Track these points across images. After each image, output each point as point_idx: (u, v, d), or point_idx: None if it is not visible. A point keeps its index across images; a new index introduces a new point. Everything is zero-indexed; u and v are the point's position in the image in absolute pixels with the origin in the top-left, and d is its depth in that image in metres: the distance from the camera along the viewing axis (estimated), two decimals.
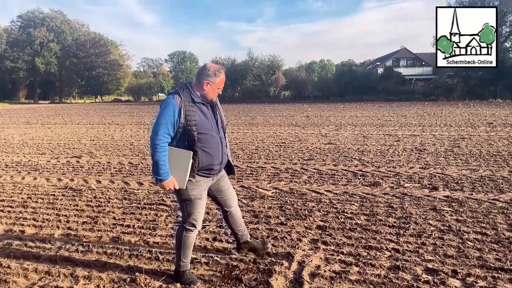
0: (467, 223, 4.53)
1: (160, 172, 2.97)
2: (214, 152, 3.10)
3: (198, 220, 3.22)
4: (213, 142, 3.08)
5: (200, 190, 3.15)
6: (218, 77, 3.11)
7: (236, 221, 3.55)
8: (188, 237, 3.22)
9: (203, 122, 3.03)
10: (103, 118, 23.73)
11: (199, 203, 3.17)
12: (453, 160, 8.34)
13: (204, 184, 3.18)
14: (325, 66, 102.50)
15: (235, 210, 3.53)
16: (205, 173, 3.12)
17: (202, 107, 3.09)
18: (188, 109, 2.97)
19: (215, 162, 3.12)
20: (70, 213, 5.20)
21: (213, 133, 3.10)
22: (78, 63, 66.93)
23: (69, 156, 9.90)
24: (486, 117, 18.55)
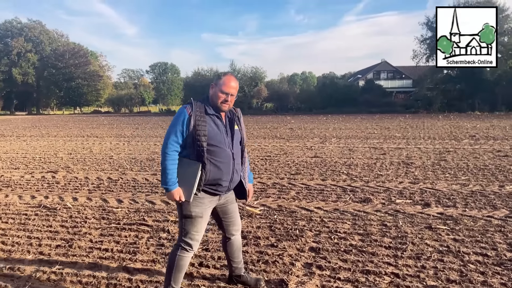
0: (465, 243, 4.33)
1: (166, 181, 2.85)
2: (224, 166, 2.90)
3: (195, 241, 2.97)
4: (223, 156, 2.90)
5: (203, 208, 2.93)
6: (221, 79, 2.94)
7: (234, 251, 3.29)
8: (182, 257, 2.96)
9: (214, 133, 2.88)
10: (82, 130, 23.11)
11: (200, 222, 2.94)
12: (442, 174, 8.21)
13: (208, 202, 2.96)
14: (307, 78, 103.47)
15: (236, 239, 3.27)
16: (211, 189, 2.92)
17: (216, 119, 2.94)
18: (199, 118, 2.84)
19: (223, 178, 2.90)
20: (43, 235, 4.80)
21: (225, 147, 2.91)
22: (56, 73, 65.68)
23: (45, 171, 9.43)
24: (468, 130, 18.70)
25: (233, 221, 3.21)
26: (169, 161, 2.86)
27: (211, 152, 2.84)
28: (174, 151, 2.87)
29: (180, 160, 2.90)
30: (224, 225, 3.20)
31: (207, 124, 2.84)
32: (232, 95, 2.93)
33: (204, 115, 2.87)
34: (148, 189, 7.29)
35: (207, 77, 54.78)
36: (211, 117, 2.91)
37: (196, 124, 2.81)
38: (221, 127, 2.93)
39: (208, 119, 2.88)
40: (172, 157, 2.87)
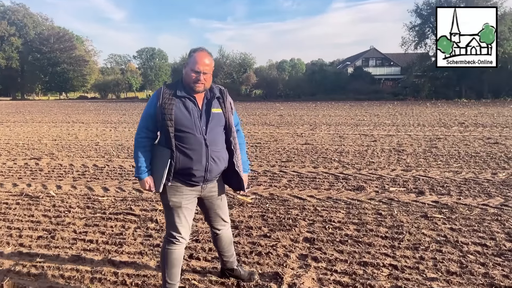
0: (463, 233, 4.22)
1: (136, 169, 2.72)
2: (194, 154, 2.61)
3: (179, 232, 2.75)
4: (193, 143, 2.61)
5: (181, 198, 2.70)
6: (192, 57, 2.65)
7: (223, 245, 3.09)
8: (171, 251, 2.76)
9: (182, 117, 2.59)
10: (67, 116, 22.62)
11: (180, 212, 2.71)
12: (434, 162, 8.12)
13: (188, 192, 2.71)
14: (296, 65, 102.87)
15: (224, 233, 3.04)
16: (184, 179, 2.66)
17: (187, 102, 2.65)
18: (166, 101, 2.60)
19: (194, 167, 2.61)
20: (24, 226, 4.57)
21: (196, 132, 2.61)
22: (41, 58, 64.18)
23: (28, 158, 9.12)
24: (456, 117, 18.70)
25: (219, 216, 2.96)
26: (139, 148, 2.70)
27: (180, 138, 2.60)
28: (145, 137, 2.70)
29: (155, 147, 2.71)
30: (209, 219, 2.99)
31: (174, 107, 2.59)
32: (206, 73, 2.64)
33: (172, 97, 2.62)
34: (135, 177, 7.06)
35: None
36: (181, 99, 2.64)
37: (163, 107, 2.58)
38: (194, 110, 2.64)
39: (177, 102, 2.62)
40: (142, 144, 2.69)
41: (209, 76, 2.68)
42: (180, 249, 2.79)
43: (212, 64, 2.72)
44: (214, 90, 2.76)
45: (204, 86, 2.67)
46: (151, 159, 2.72)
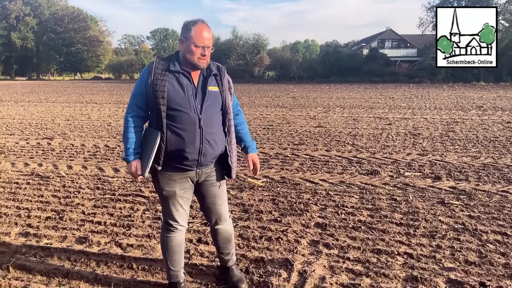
0: (482, 221, 4.06)
1: (124, 151, 2.50)
2: (187, 135, 2.39)
3: (176, 219, 2.59)
4: (186, 122, 2.39)
5: (175, 187, 2.51)
6: (191, 30, 2.39)
7: (219, 241, 2.81)
8: (169, 238, 2.61)
9: (175, 94, 2.38)
10: (81, 96, 22.68)
11: (175, 201, 2.55)
12: (451, 146, 7.90)
13: (182, 180, 2.52)
14: (310, 46, 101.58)
15: (221, 229, 2.75)
16: (176, 163, 2.46)
17: (181, 78, 2.42)
18: (158, 77, 2.37)
19: (187, 148, 2.40)
20: (33, 206, 4.54)
21: (189, 111, 2.39)
22: (56, 38, 64.31)
23: (40, 138, 9.14)
24: (474, 100, 18.24)
25: (213, 207, 2.68)
26: (128, 128, 2.49)
27: (172, 117, 2.38)
28: (135, 116, 2.49)
29: (145, 129, 2.54)
30: (204, 210, 2.75)
31: (167, 83, 2.37)
32: (209, 47, 2.41)
33: (165, 73, 2.40)
34: None
35: None
36: (175, 74, 2.41)
37: (154, 84, 2.36)
38: (188, 87, 2.42)
39: (170, 77, 2.40)
40: (131, 124, 2.48)
41: (210, 50, 2.45)
42: (179, 236, 2.65)
43: (212, 37, 2.48)
44: (211, 66, 2.53)
45: (206, 62, 2.45)
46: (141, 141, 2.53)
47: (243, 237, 3.68)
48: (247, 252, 3.36)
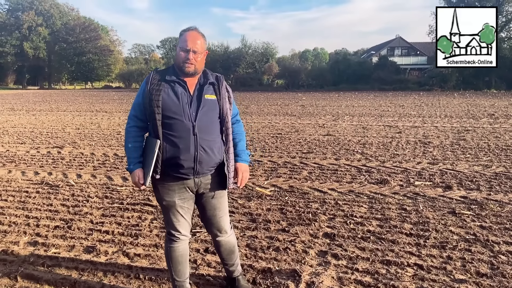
0: (493, 231, 3.98)
1: (127, 161, 2.54)
2: (181, 142, 2.40)
3: (178, 229, 2.59)
4: (180, 130, 2.40)
5: (174, 197, 2.51)
6: (182, 36, 2.46)
7: (222, 253, 2.79)
8: (173, 248, 2.61)
9: (170, 102, 2.41)
10: (91, 105, 22.90)
11: (175, 211, 2.55)
12: (462, 155, 7.80)
13: (180, 190, 2.51)
14: (319, 54, 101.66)
15: (223, 241, 2.73)
16: (172, 171, 2.45)
17: (176, 86, 2.45)
18: (154, 87, 2.43)
19: (182, 156, 2.40)
20: (42, 215, 4.56)
21: (184, 118, 2.40)
22: (67, 48, 65.28)
23: (51, 146, 9.22)
24: (485, 108, 18.06)
25: (213, 219, 2.65)
26: (128, 138, 2.56)
27: (167, 126, 2.41)
28: (134, 126, 2.55)
29: (146, 138, 2.57)
30: (205, 222, 2.72)
31: (162, 92, 2.41)
32: (196, 52, 2.42)
33: (161, 83, 2.44)
34: None
35: (217, 53, 53.98)
36: (170, 84, 2.45)
37: (150, 93, 2.41)
38: (183, 95, 2.44)
39: (166, 86, 2.43)
40: (132, 134, 2.54)
41: (200, 57, 2.46)
42: (182, 246, 2.63)
43: (204, 45, 2.49)
44: (209, 75, 2.55)
45: (194, 67, 2.45)
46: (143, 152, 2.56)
47: (250, 247, 3.66)
48: (254, 263, 3.33)
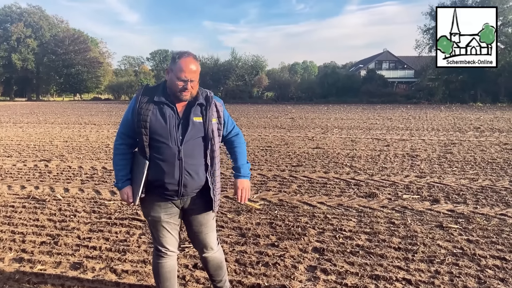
0: (480, 245, 4.03)
1: (115, 178, 2.54)
2: (167, 166, 2.40)
3: (164, 245, 2.58)
4: (166, 154, 2.40)
5: (160, 213, 2.51)
6: (176, 63, 2.40)
7: (209, 269, 2.78)
8: (160, 264, 2.60)
9: (157, 125, 2.39)
10: (80, 117, 22.75)
11: (162, 227, 2.55)
12: (449, 168, 7.90)
13: (166, 206, 2.51)
14: (308, 67, 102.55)
15: (210, 257, 2.71)
16: (157, 193, 2.47)
17: (165, 108, 2.43)
18: (142, 106, 2.41)
19: (166, 180, 2.41)
20: (28, 230, 4.50)
21: (170, 142, 2.40)
22: (56, 60, 64.87)
23: (38, 160, 9.11)
24: (471, 122, 18.33)
25: (199, 236, 2.64)
26: (116, 155, 2.56)
27: (153, 148, 2.41)
28: (123, 144, 2.54)
29: (134, 155, 2.55)
30: (191, 238, 2.72)
31: (150, 113, 2.40)
32: (193, 81, 2.41)
33: (150, 103, 2.42)
34: None
35: (208, 65, 54.15)
36: (159, 105, 2.43)
37: (138, 113, 2.40)
38: (171, 118, 2.42)
39: (154, 108, 2.41)
40: (120, 151, 2.54)
41: (196, 84, 2.46)
42: (170, 262, 2.63)
43: (199, 70, 2.48)
44: (199, 96, 2.51)
45: (191, 94, 2.45)
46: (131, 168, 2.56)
47: (239, 263, 3.64)
48: (244, 279, 3.31)
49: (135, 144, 2.56)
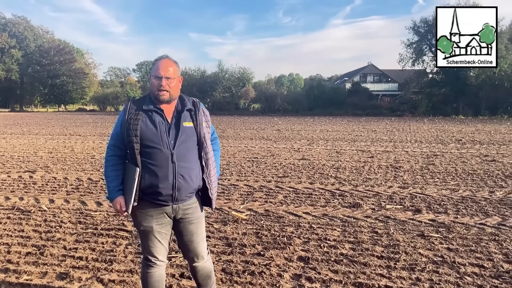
0: (460, 253, 4.15)
1: (107, 189, 2.59)
2: (160, 171, 2.45)
3: (154, 255, 2.62)
4: (159, 158, 2.45)
5: (152, 222, 2.55)
6: (154, 65, 2.55)
7: (198, 278, 2.80)
8: (149, 274, 2.63)
9: (148, 132, 2.46)
10: (65, 129, 22.56)
11: (153, 237, 2.58)
12: (431, 179, 8.07)
13: (158, 215, 2.55)
14: (294, 80, 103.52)
15: (199, 266, 2.75)
16: (151, 198, 2.50)
17: (154, 115, 2.50)
18: (132, 116, 2.48)
19: (160, 184, 2.44)
20: (13, 241, 4.48)
21: (162, 147, 2.45)
22: (41, 70, 64.24)
23: (22, 171, 9.04)
24: (453, 134, 18.72)
25: (190, 245, 2.68)
26: (107, 167, 2.60)
27: (145, 154, 2.46)
28: (113, 155, 2.59)
29: (127, 165, 2.59)
30: (182, 247, 2.74)
31: (140, 121, 2.46)
32: (169, 78, 2.48)
33: (138, 112, 2.49)
34: None
35: (194, 77, 54.33)
36: (148, 113, 2.50)
37: (128, 123, 2.46)
38: (161, 123, 2.48)
39: (143, 116, 2.48)
40: (111, 163, 2.58)
41: (174, 83, 2.52)
42: (159, 271, 2.66)
43: (177, 71, 2.57)
44: (186, 102, 2.61)
45: (169, 94, 2.51)
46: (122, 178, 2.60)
47: (226, 272, 3.69)
48: (230, 287, 3.36)
49: (126, 156, 2.60)
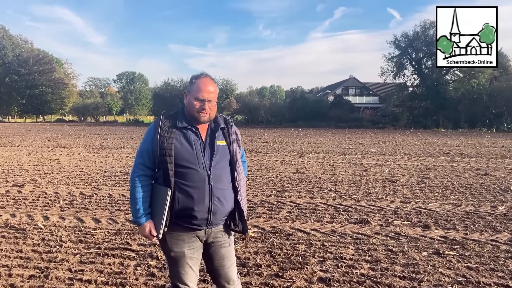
0: (481, 272, 4.07)
1: (134, 213, 2.39)
2: (196, 192, 2.29)
3: (185, 282, 2.44)
4: (195, 180, 2.30)
5: (183, 247, 2.39)
6: (194, 84, 2.41)
7: None
8: None
9: (183, 151, 2.31)
10: (47, 140, 21.95)
11: (184, 263, 2.41)
12: (430, 193, 8.05)
13: (191, 240, 2.40)
14: (276, 91, 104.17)
15: None
16: (184, 222, 2.34)
17: (189, 134, 2.37)
18: (165, 134, 2.32)
19: (196, 207, 2.30)
20: (13, 263, 4.19)
21: (198, 167, 2.30)
22: (19, 80, 62.83)
23: (9, 185, 8.65)
24: (440, 147, 18.92)
25: (221, 270, 2.53)
26: (136, 188, 2.39)
27: (180, 175, 2.30)
28: (143, 175, 2.40)
29: (154, 186, 2.42)
30: (212, 272, 2.59)
31: (174, 140, 2.32)
32: (211, 101, 2.38)
33: (172, 130, 2.35)
34: (127, 207, 6.73)
35: (177, 88, 53.94)
36: (182, 131, 2.37)
37: (161, 141, 2.30)
38: (196, 142, 2.36)
39: (178, 134, 2.35)
40: (140, 184, 2.38)
41: (214, 105, 2.42)
42: None
43: (217, 91, 2.46)
44: (219, 119, 2.49)
45: (209, 116, 2.41)
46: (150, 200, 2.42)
47: None
48: None
49: (154, 175, 2.44)
